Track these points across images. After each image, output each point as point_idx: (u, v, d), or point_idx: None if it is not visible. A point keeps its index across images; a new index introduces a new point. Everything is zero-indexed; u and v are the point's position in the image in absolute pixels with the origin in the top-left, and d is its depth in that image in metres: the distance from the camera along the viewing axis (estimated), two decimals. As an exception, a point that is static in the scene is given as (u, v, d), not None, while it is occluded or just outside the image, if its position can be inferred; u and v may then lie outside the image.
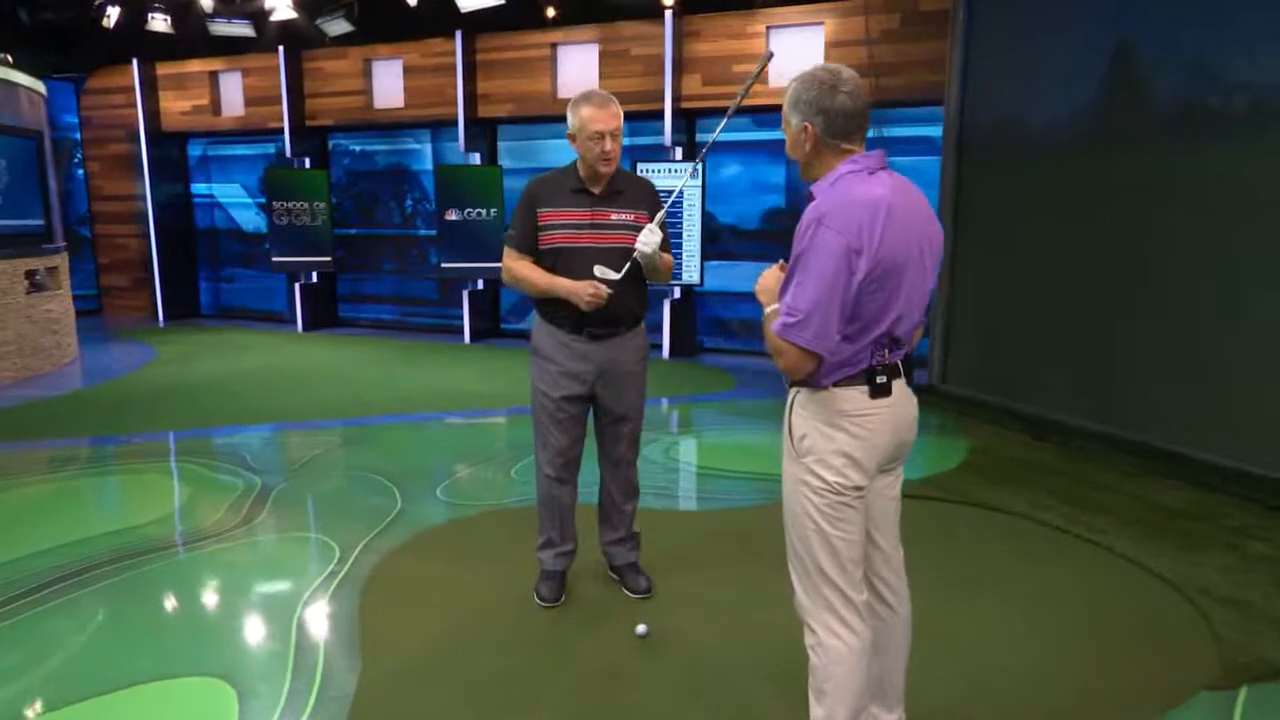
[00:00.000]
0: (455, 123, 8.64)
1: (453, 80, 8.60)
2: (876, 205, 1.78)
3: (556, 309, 2.86)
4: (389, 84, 9.16)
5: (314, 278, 9.71)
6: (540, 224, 2.84)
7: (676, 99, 7.83)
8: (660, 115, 7.93)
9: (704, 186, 7.69)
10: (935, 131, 6.76)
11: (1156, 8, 4.86)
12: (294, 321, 9.72)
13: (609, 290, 2.71)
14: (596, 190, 2.83)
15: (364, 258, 9.92)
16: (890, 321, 1.82)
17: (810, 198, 1.89)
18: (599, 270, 2.76)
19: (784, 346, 1.79)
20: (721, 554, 3.47)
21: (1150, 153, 4.87)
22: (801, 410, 1.90)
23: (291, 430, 5.47)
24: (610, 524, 3.18)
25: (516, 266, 2.88)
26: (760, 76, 2.87)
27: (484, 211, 8.54)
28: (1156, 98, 4.88)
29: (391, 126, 9.35)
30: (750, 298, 8.46)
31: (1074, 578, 3.20)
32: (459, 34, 8.46)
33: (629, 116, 9.16)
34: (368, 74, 9.22)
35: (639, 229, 2.82)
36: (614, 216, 2.83)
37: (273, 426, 5.55)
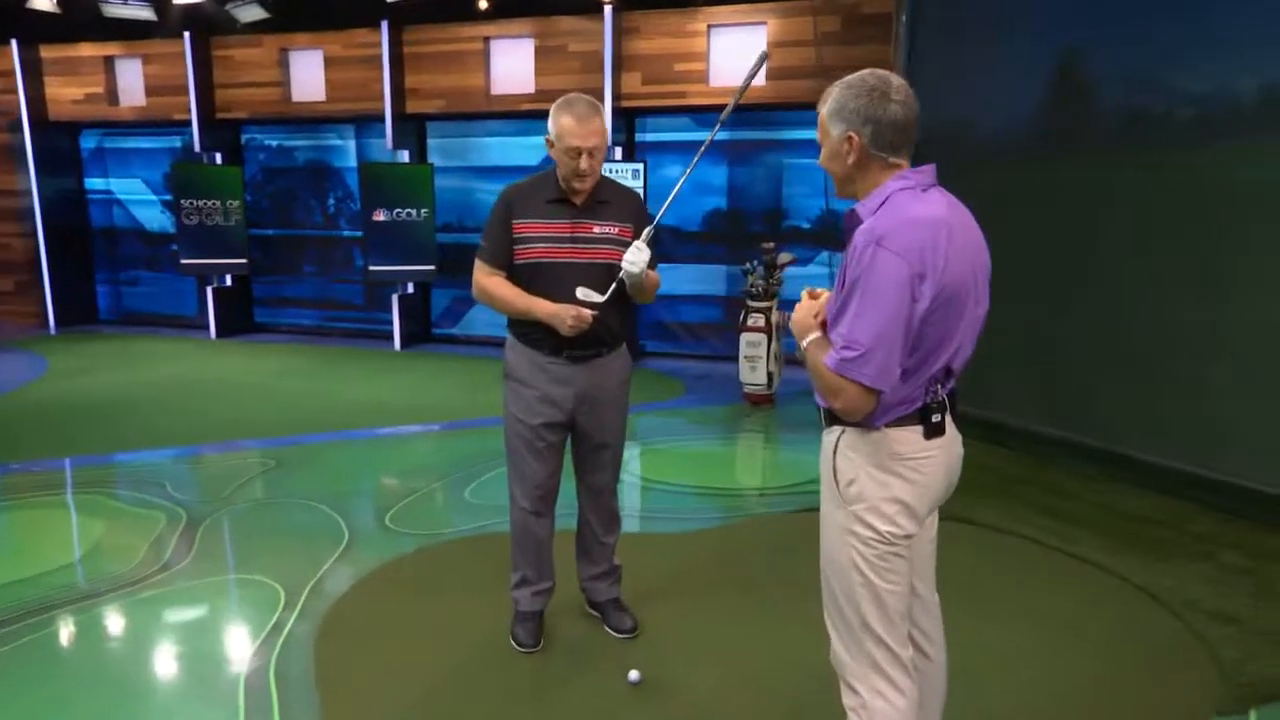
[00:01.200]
0: (382, 118, 8.16)
1: (378, 73, 8.12)
2: (937, 226, 1.60)
3: (533, 329, 2.60)
4: (308, 76, 8.58)
5: (227, 280, 9.04)
6: (516, 236, 2.57)
7: (617, 97, 7.58)
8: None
9: (645, 187, 7.48)
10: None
11: (1099, 16, 4.90)
12: (205, 327, 9.03)
13: (592, 315, 2.47)
14: (578, 201, 2.57)
15: (282, 259, 9.30)
16: (950, 353, 1.65)
17: (854, 217, 1.70)
18: (581, 293, 2.52)
19: (843, 385, 1.58)
20: (702, 581, 3.27)
21: (1096, 159, 4.91)
22: (849, 453, 1.70)
23: (214, 452, 4.99)
24: (590, 558, 2.94)
25: (489, 284, 2.61)
26: (754, 75, 2.67)
27: (414, 212, 8.10)
28: (1101, 105, 4.93)
29: (312, 121, 8.78)
30: (694, 301, 8.19)
31: (1062, 596, 3.13)
32: (385, 25, 7.98)
33: (547, 115, 8.85)
34: (285, 65, 8.63)
35: (624, 243, 2.59)
36: (597, 230, 2.59)
37: (191, 448, 5.05)
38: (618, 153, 7.66)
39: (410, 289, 8.54)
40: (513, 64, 8.03)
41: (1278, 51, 4.06)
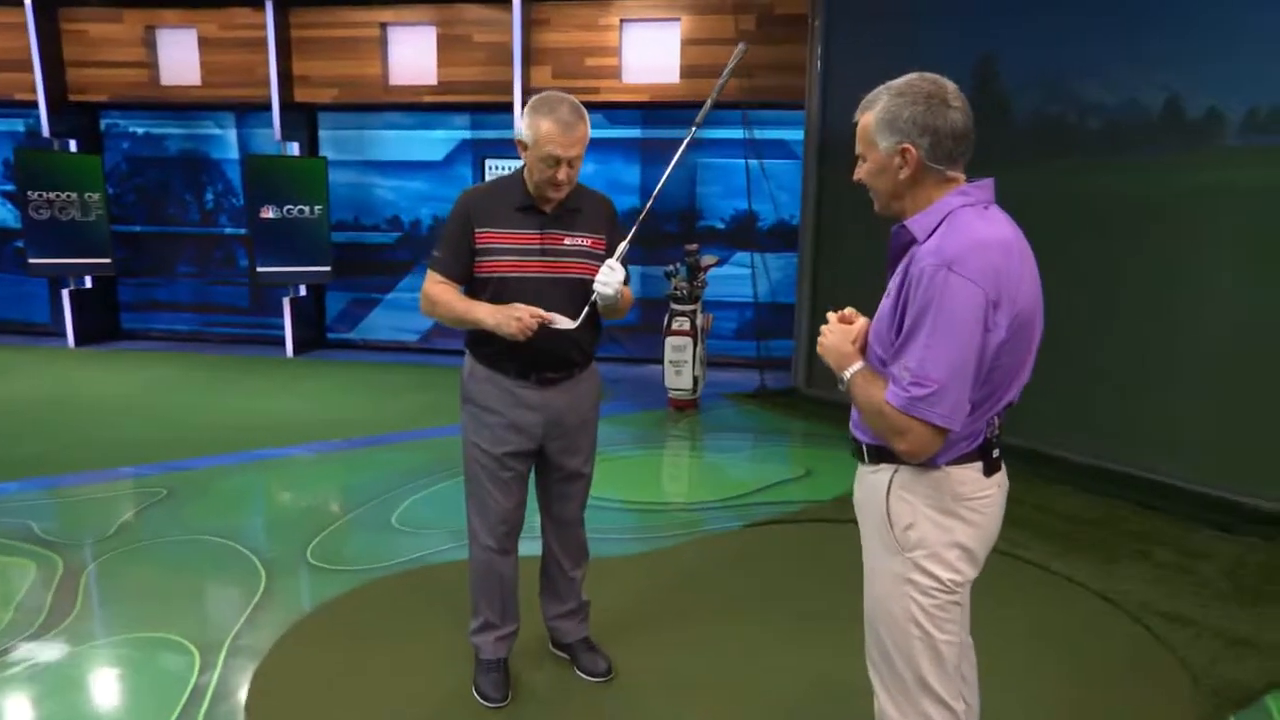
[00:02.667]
0: (268, 107, 7.50)
1: (262, 58, 7.45)
2: (1008, 248, 1.46)
3: (495, 348, 2.32)
4: (180, 57, 7.78)
5: (87, 282, 8.09)
6: (477, 247, 2.29)
7: (526, 91, 7.24)
8: (506, 108, 7.32)
9: (559, 186, 7.19)
10: (799, 135, 6.71)
11: (1014, 26, 5.02)
12: (62, 334, 8.05)
13: (539, 321, 2.20)
14: (548, 208, 2.31)
15: (153, 259, 8.41)
16: (1019, 386, 1.51)
17: (903, 234, 1.53)
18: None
19: (910, 425, 1.42)
20: (670, 610, 3.07)
21: (1010, 168, 5.03)
22: (905, 495, 1.54)
23: (88, 482, 4.37)
24: (557, 595, 2.68)
25: (434, 290, 2.32)
26: (734, 71, 2.49)
27: (306, 209, 7.49)
28: (1016, 114, 5.06)
29: (185, 107, 7.96)
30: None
31: (1020, 604, 3.13)
32: (269, 5, 7.31)
33: (471, 108, 8.51)
34: (151, 44, 7.79)
35: (596, 256, 2.36)
36: (568, 241, 2.34)
37: (59, 478, 4.40)
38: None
39: (303, 291, 7.90)
40: (413, 53, 7.55)
41: (1187, 65, 4.24)
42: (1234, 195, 4.08)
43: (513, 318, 2.18)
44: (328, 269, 7.65)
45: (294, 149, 7.63)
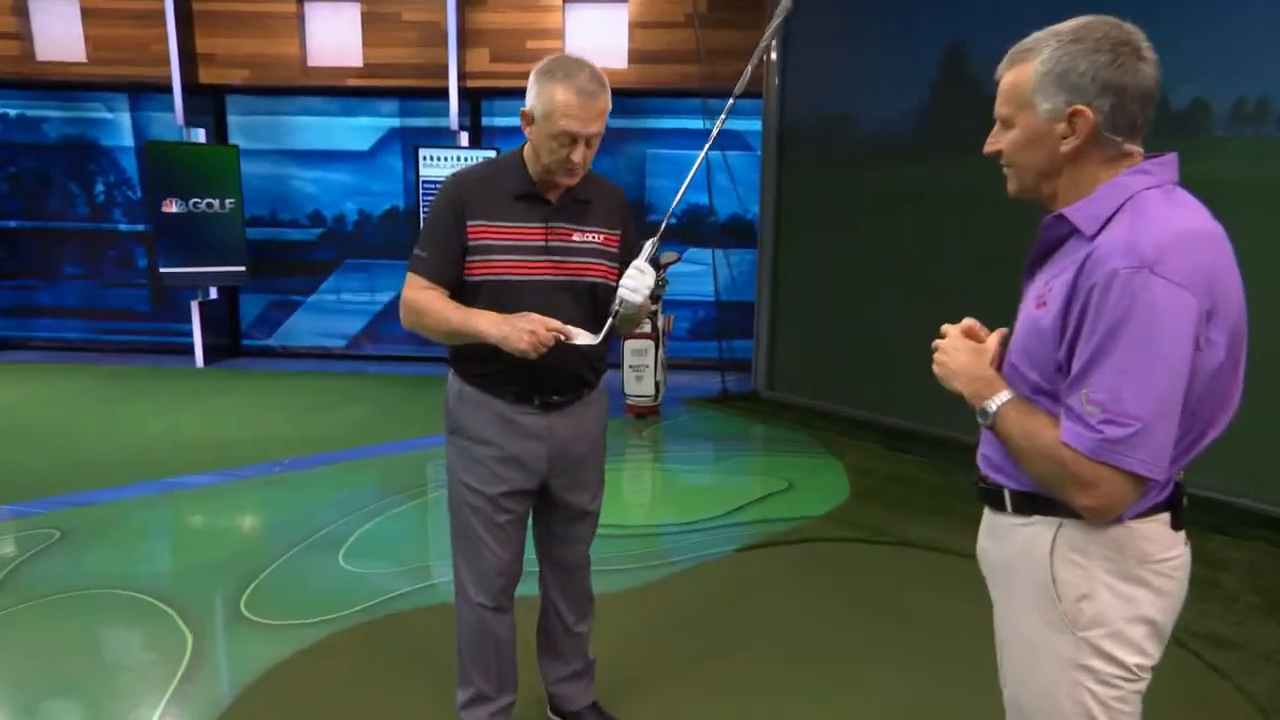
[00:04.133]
0: (168, 88, 6.74)
1: (160, 33, 6.70)
2: (1217, 242, 1.15)
3: (492, 367, 1.92)
4: (60, 30, 6.94)
5: (-47, 286, 7.14)
6: (471, 243, 1.88)
7: (461, 76, 6.74)
8: (440, 94, 6.80)
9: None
10: (755, 125, 6.44)
11: (987, 7, 4.84)
12: (-77, 346, 7.09)
13: (556, 334, 1.80)
14: (554, 197, 1.92)
15: (33, 259, 7.50)
16: (1227, 418, 1.21)
17: (1066, 228, 1.21)
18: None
19: (1101, 474, 1.10)
20: (673, 655, 2.71)
21: (983, 160, 4.87)
22: (1078, 558, 1.22)
23: (-39, 525, 3.69)
24: (560, 655, 2.29)
25: (421, 297, 1.89)
26: (776, 34, 2.14)
27: (216, 202, 6.77)
28: (988, 103, 4.88)
29: (68, 87, 7.10)
30: None
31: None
32: (168, -27, 6.58)
33: (400, 93, 7.85)
34: (24, 13, 6.92)
35: (608, 255, 1.99)
36: (577, 238, 1.95)
37: (-74, 522, 3.71)
38: (464, 138, 6.83)
39: (213, 294, 7.17)
40: (334, 32, 6.93)
41: (1171, 54, 4.13)
42: (1221, 188, 3.98)
43: (523, 330, 1.76)
44: (242, 269, 6.95)
45: (200, 136, 6.89)
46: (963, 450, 4.83)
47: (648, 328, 5.56)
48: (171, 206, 6.62)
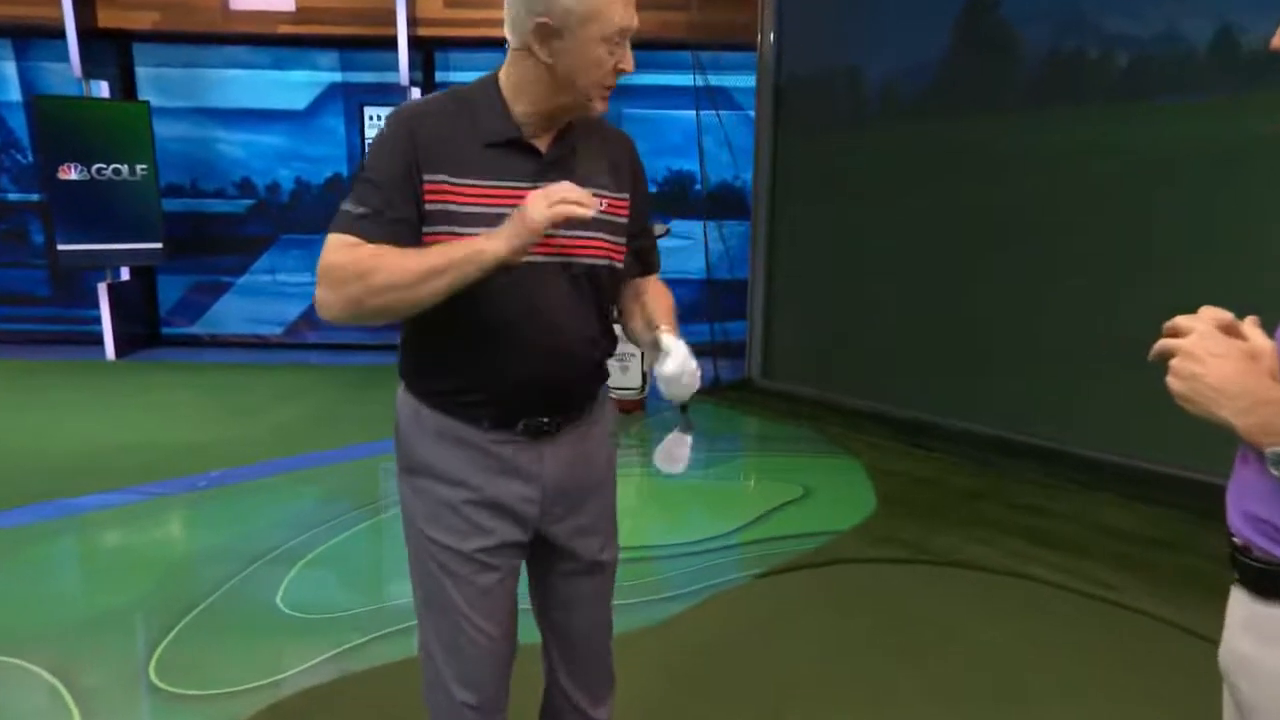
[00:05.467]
0: (60, 33, 5.99)
1: (51, -32, 5.95)
2: None
3: (454, 381, 1.44)
4: (-69, -36, 6.13)
5: None
6: (427, 206, 1.36)
7: (412, 24, 6.13)
8: (387, 44, 6.19)
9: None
10: (745, 82, 5.97)
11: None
12: None
13: (589, 204, 1.30)
14: (543, 144, 1.42)
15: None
16: None
17: None
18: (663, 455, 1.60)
19: None
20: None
21: (1010, 118, 4.49)
22: None
23: None
24: None
25: (353, 254, 1.31)
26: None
27: (124, 168, 6.09)
28: (1023, 52, 4.50)
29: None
30: None
31: (1115, 658, 2.52)
32: (59, -103, 5.83)
33: (340, 43, 7.17)
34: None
35: (615, 228, 1.48)
36: None
37: None
38: (415, 94, 6.23)
39: (125, 275, 6.49)
40: (261, -30, 6.25)
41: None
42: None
43: (544, 206, 1.26)
44: (158, 246, 6.29)
45: (102, 90, 6.18)
46: (988, 445, 4.51)
47: (632, 311, 5.09)
48: (69, 173, 5.92)
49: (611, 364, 5.32)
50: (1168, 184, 3.93)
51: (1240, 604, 1.01)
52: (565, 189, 1.29)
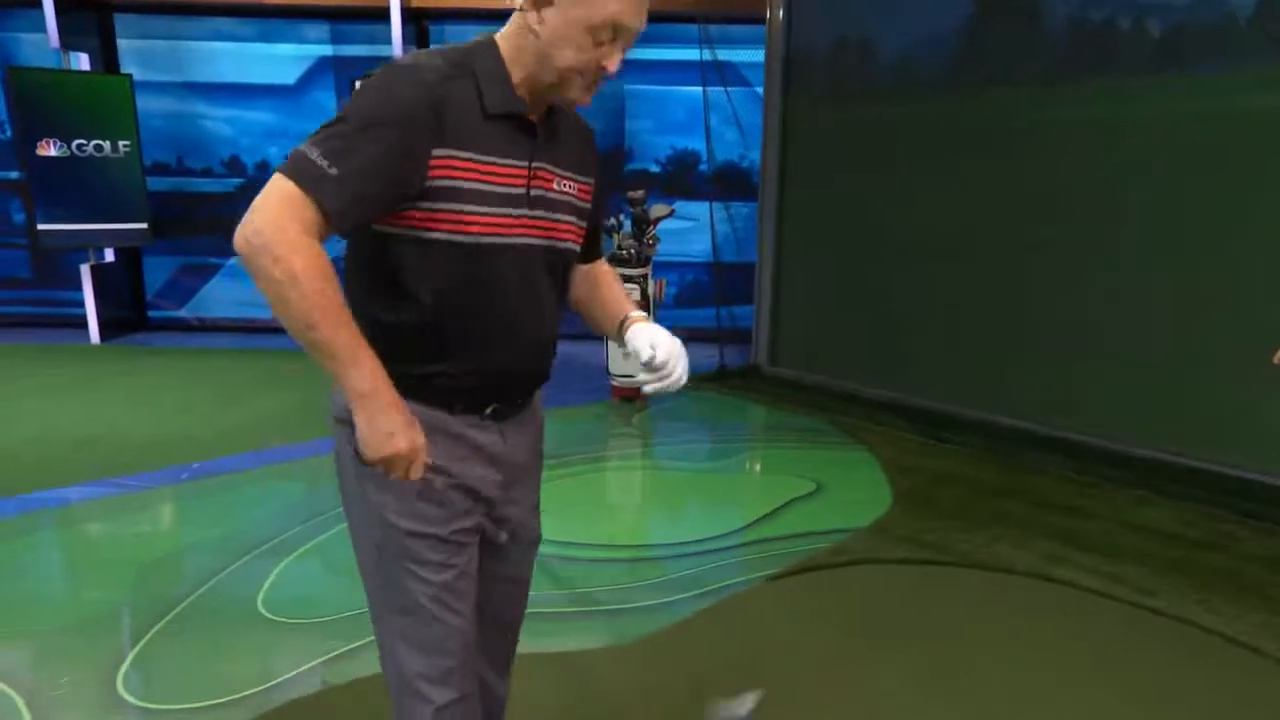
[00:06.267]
0: (37, 2, 5.77)
1: (28, -67, 5.72)
2: None
3: (438, 365, 1.35)
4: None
5: None
6: (431, 183, 1.24)
7: (405, -6, 5.91)
8: (379, 15, 5.96)
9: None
10: (753, 57, 5.75)
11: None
12: None
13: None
14: (536, 118, 1.35)
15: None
16: None
17: None
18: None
19: None
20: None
21: (1033, 91, 4.28)
22: None
23: None
24: None
25: (308, 260, 1.16)
26: None
27: (106, 144, 5.89)
28: (1046, 21, 4.28)
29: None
30: None
31: (1166, 672, 2.35)
32: None
33: (330, 15, 6.89)
34: None
35: (582, 213, 1.45)
36: (556, 185, 1.39)
37: None
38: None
39: (109, 256, 6.29)
40: (247, -63, 6.02)
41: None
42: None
43: (403, 455, 1.26)
44: (143, 226, 6.10)
45: (82, 62, 5.96)
46: (1009, 438, 4.33)
47: (636, 294, 4.89)
48: (49, 149, 5.71)
49: (612, 350, 5.12)
50: (1206, 161, 3.73)
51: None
52: (404, 460, 1.26)
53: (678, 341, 1.44)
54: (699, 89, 5.83)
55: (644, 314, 1.52)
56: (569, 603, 2.79)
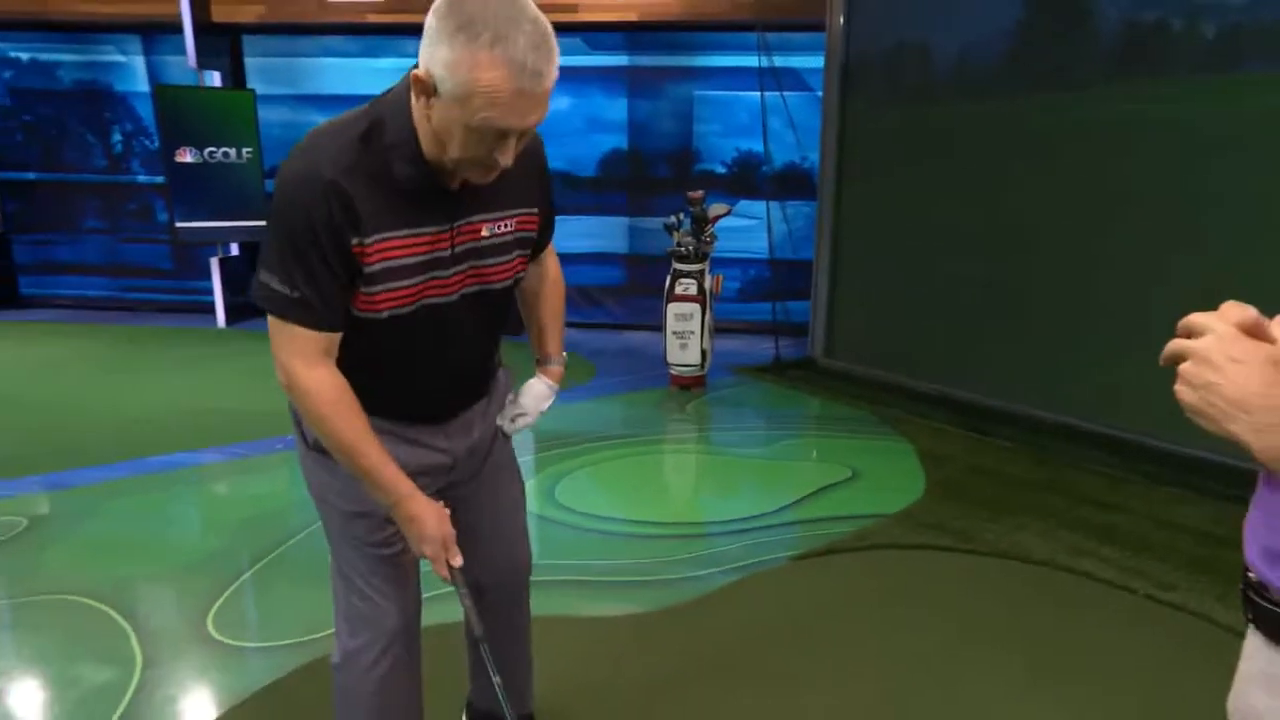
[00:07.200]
0: (179, 28, 6.22)
1: (169, -35, 6.17)
2: None
3: (378, 390, 1.38)
4: (70, -33, 6.45)
5: (-27, 241, 6.86)
6: (367, 268, 1.26)
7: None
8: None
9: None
10: (814, 63, 5.69)
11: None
12: (-54, 302, 6.84)
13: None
14: (455, 182, 1.29)
15: (52, 212, 7.16)
16: None
17: None
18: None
19: None
20: (709, 705, 2.15)
21: (1087, 92, 4.09)
22: None
23: (-71, 509, 3.31)
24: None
25: (328, 408, 1.30)
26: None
27: (232, 151, 6.30)
28: (1098, 23, 4.08)
29: (78, 28, 6.64)
30: (589, 260, 6.96)
31: (1173, 663, 2.26)
32: (174, -100, 6.02)
33: (421, 30, 7.08)
34: (33, -50, 6.44)
35: (524, 243, 1.42)
36: (487, 231, 1.36)
37: (-108, 505, 3.34)
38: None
39: (235, 250, 6.75)
40: (354, -38, 6.31)
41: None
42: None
43: (435, 550, 1.40)
44: (261, 224, 6.48)
45: (214, 79, 6.40)
46: (1052, 433, 4.19)
47: (693, 289, 4.94)
48: (185, 156, 6.17)
49: (670, 340, 5.17)
50: (1263, 160, 3.51)
51: (1257, 650, 0.84)
52: (433, 535, 1.37)
53: (543, 410, 1.60)
54: (774, 92, 5.80)
55: (557, 367, 1.63)
56: (606, 572, 2.90)
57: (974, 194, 4.64)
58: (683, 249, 4.92)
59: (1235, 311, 0.77)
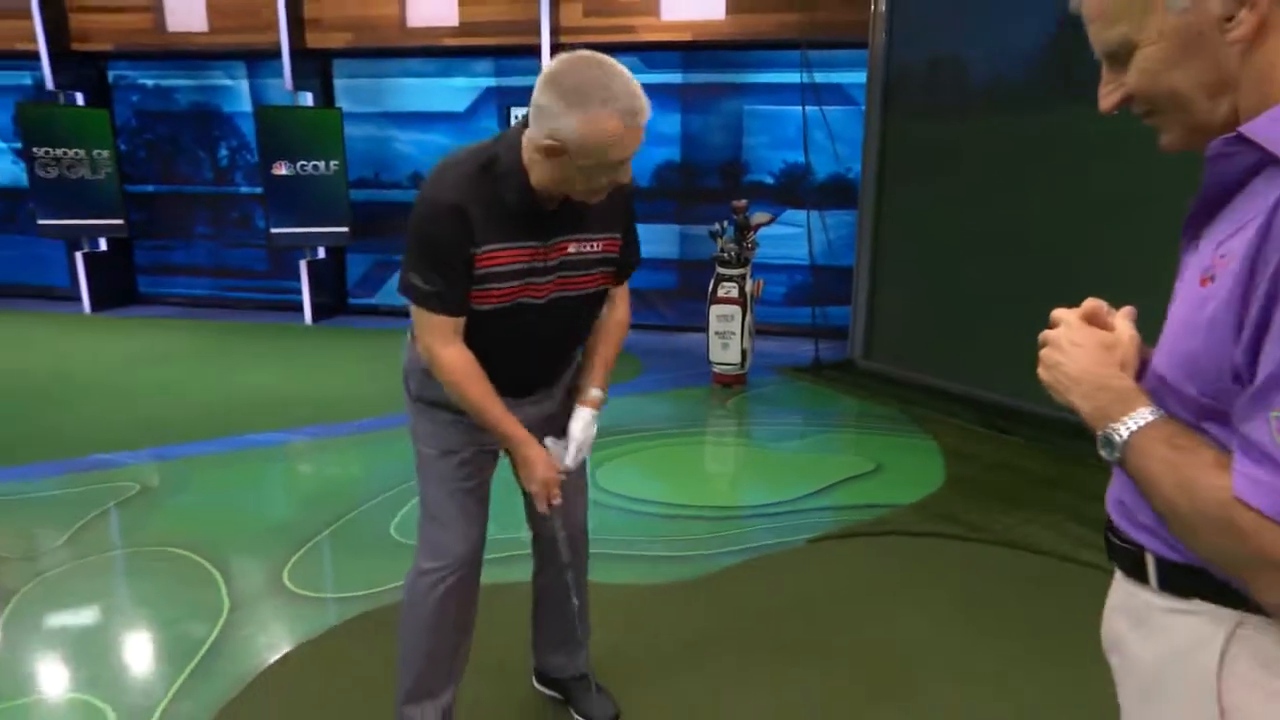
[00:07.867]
0: (278, 54, 6.68)
1: (270, 0, 6.62)
2: None
3: (478, 357, 1.64)
4: (186, 1, 6.98)
5: (101, 244, 7.46)
6: (480, 269, 1.54)
7: (554, 31, 6.34)
8: (532, 53, 6.42)
9: (591, 137, 6.31)
10: (858, 78, 5.75)
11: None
12: (78, 299, 7.46)
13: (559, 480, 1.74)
14: (553, 205, 1.55)
15: (168, 220, 7.74)
16: None
17: (1250, 156, 0.70)
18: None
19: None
20: (716, 666, 2.29)
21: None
22: (1263, 679, 0.72)
23: (57, 473, 3.71)
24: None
25: (461, 375, 1.60)
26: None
27: (321, 164, 6.72)
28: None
29: (192, 56, 7.19)
30: (644, 266, 6.98)
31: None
32: (275, -61, 6.47)
33: (494, 52, 7.55)
34: (156, -14, 6.99)
35: (609, 262, 1.69)
36: (574, 249, 1.62)
37: (27, 469, 3.75)
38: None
39: (321, 254, 7.18)
40: (432, -9, 6.65)
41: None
42: None
43: (542, 485, 1.71)
44: (345, 230, 6.91)
45: (307, 99, 6.84)
46: (1072, 432, 4.15)
47: (735, 292, 5.08)
48: (280, 169, 6.61)
49: (712, 340, 5.36)
50: None
51: (1118, 584, 0.96)
52: (541, 477, 1.68)
53: (591, 435, 1.77)
54: (815, 106, 5.89)
55: (597, 397, 1.77)
56: (630, 546, 3.07)
57: (1007, 204, 4.64)
58: (726, 254, 5.06)
59: (1087, 304, 0.91)
